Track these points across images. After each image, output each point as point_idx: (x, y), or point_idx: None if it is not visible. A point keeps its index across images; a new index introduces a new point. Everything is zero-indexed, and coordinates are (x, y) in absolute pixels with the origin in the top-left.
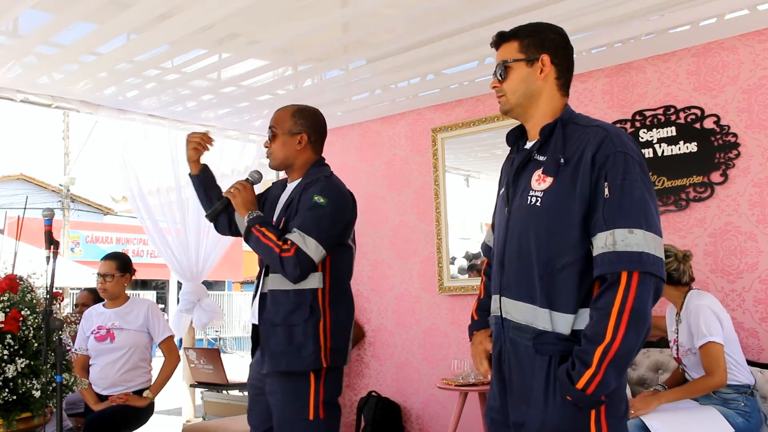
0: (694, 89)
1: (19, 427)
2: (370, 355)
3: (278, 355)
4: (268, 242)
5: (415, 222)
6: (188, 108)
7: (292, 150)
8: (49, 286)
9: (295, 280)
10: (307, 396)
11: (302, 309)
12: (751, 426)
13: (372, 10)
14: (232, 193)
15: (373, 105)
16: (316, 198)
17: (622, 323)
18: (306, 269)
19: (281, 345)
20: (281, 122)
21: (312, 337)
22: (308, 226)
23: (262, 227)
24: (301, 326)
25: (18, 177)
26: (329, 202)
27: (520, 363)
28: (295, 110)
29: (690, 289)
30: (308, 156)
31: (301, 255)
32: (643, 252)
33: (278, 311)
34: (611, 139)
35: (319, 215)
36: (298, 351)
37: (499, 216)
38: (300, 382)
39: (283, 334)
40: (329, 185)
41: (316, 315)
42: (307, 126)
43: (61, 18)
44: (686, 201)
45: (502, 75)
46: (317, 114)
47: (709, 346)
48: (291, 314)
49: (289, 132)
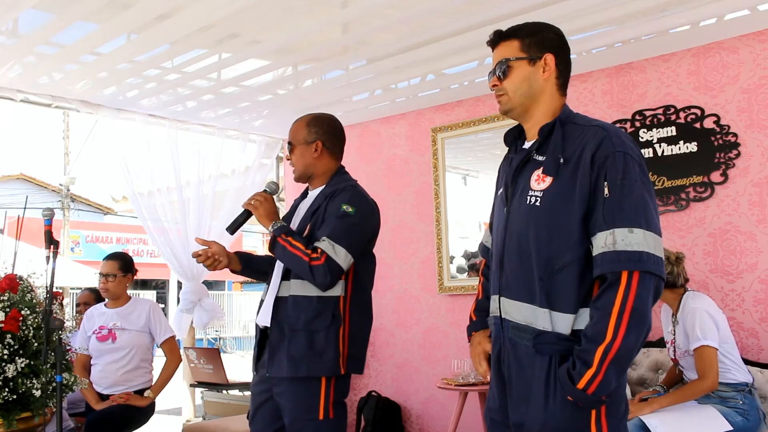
0: (694, 89)
1: (20, 426)
2: (370, 355)
3: (298, 361)
4: (296, 251)
5: (415, 222)
6: (188, 108)
7: (310, 158)
8: (49, 285)
9: (324, 288)
10: (318, 397)
11: (324, 315)
12: (750, 424)
13: (372, 10)
14: (254, 205)
15: (373, 105)
16: (345, 207)
17: (623, 323)
18: (335, 277)
19: (302, 350)
20: (297, 133)
21: (333, 344)
22: (338, 235)
23: (288, 236)
24: (323, 332)
25: (18, 177)
26: (357, 211)
27: (519, 363)
28: (310, 119)
29: (685, 290)
30: (327, 163)
31: (331, 263)
32: (643, 251)
33: (299, 316)
34: (610, 139)
35: (348, 224)
36: (319, 357)
37: (498, 216)
38: (311, 385)
39: (305, 339)
40: (356, 195)
41: (337, 322)
42: (322, 133)
43: (62, 18)
44: (686, 201)
45: (503, 73)
46: (332, 120)
47: (703, 350)
48: (313, 320)
49: (305, 141)
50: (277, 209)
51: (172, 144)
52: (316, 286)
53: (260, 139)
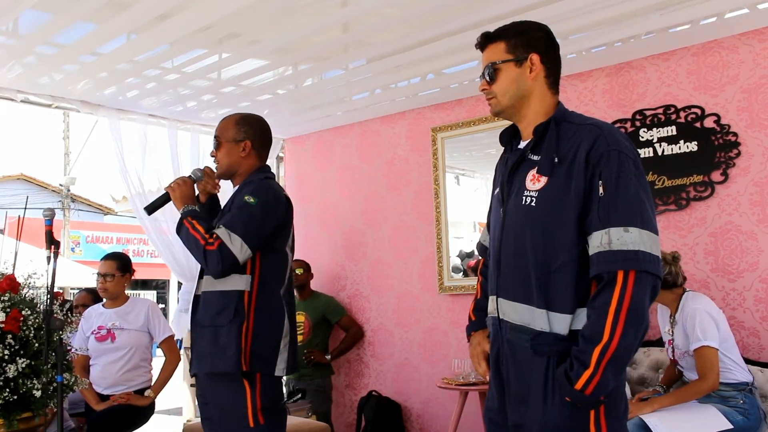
0: (694, 88)
1: (20, 427)
2: (370, 354)
3: (204, 356)
4: (196, 234)
5: (415, 221)
6: (188, 108)
7: (236, 157)
8: (49, 286)
9: (216, 276)
10: (245, 403)
11: (228, 310)
12: (750, 423)
13: (372, 10)
14: (172, 187)
15: (373, 104)
16: (247, 197)
17: (620, 322)
18: (229, 265)
19: (207, 346)
20: (225, 131)
21: (235, 339)
22: (235, 224)
23: (194, 220)
24: (226, 327)
25: (18, 177)
26: (259, 202)
27: (518, 364)
28: (240, 118)
29: (684, 291)
30: (252, 163)
31: (224, 250)
32: (639, 250)
33: (206, 312)
34: (605, 137)
35: (248, 214)
36: (223, 352)
37: (494, 216)
38: (234, 389)
39: (210, 335)
40: (261, 186)
41: (240, 317)
42: (252, 133)
43: (62, 18)
44: (686, 200)
45: (491, 77)
46: (261, 122)
47: (704, 350)
48: (217, 315)
49: (233, 140)
50: (193, 194)
51: (172, 144)
52: (209, 274)
53: None
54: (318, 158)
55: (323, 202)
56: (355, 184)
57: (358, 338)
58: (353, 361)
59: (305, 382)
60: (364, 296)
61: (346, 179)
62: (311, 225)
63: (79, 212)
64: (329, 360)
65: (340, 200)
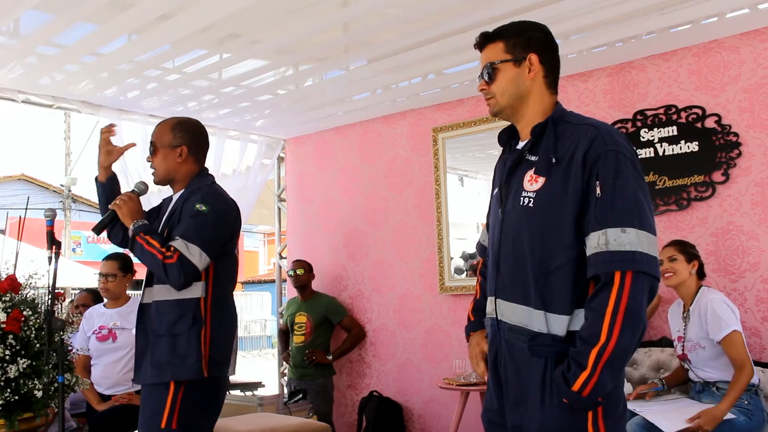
0: (695, 89)
1: (21, 427)
2: (372, 354)
3: (163, 366)
4: (152, 249)
5: (416, 222)
6: (189, 108)
7: (173, 163)
8: (51, 286)
9: (179, 288)
10: (164, 404)
11: (186, 318)
12: (753, 424)
13: (372, 10)
14: (118, 204)
15: (374, 105)
16: (198, 206)
17: (617, 324)
18: (189, 276)
19: (166, 355)
20: (161, 136)
21: (195, 347)
22: (190, 234)
23: (147, 235)
24: (185, 335)
25: (19, 177)
26: (211, 209)
27: (516, 365)
28: (175, 123)
29: (701, 285)
30: (190, 168)
31: (184, 261)
32: (636, 251)
33: (161, 322)
34: (602, 138)
35: (202, 222)
36: (183, 360)
37: (493, 217)
38: (159, 389)
39: (168, 344)
40: (211, 193)
41: (198, 324)
42: (188, 138)
43: (62, 19)
44: (687, 200)
45: (489, 77)
46: (198, 126)
47: (734, 336)
48: (175, 324)
49: (169, 145)
50: (141, 209)
51: None
52: (172, 286)
53: (261, 139)
54: (319, 158)
55: (324, 202)
56: (356, 185)
57: (360, 339)
58: (355, 361)
59: (307, 383)
60: (366, 297)
61: (347, 179)
62: (312, 225)
63: (80, 213)
64: (331, 360)
65: (341, 200)
